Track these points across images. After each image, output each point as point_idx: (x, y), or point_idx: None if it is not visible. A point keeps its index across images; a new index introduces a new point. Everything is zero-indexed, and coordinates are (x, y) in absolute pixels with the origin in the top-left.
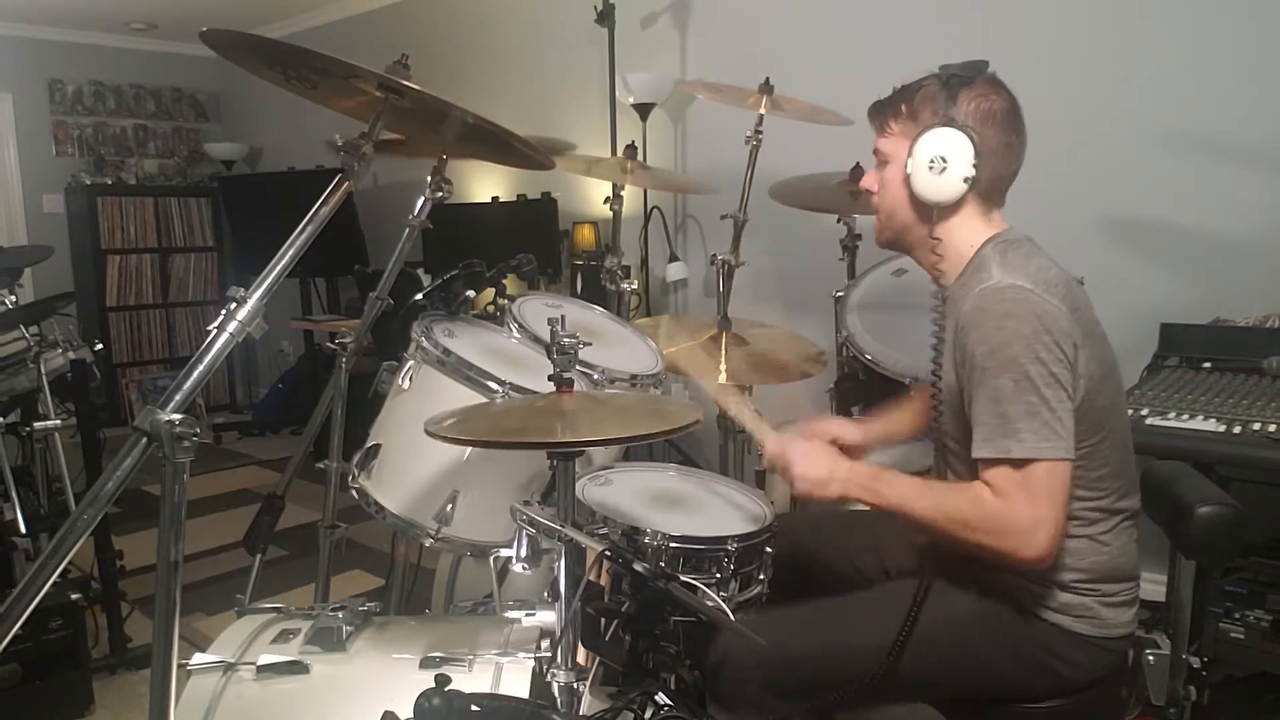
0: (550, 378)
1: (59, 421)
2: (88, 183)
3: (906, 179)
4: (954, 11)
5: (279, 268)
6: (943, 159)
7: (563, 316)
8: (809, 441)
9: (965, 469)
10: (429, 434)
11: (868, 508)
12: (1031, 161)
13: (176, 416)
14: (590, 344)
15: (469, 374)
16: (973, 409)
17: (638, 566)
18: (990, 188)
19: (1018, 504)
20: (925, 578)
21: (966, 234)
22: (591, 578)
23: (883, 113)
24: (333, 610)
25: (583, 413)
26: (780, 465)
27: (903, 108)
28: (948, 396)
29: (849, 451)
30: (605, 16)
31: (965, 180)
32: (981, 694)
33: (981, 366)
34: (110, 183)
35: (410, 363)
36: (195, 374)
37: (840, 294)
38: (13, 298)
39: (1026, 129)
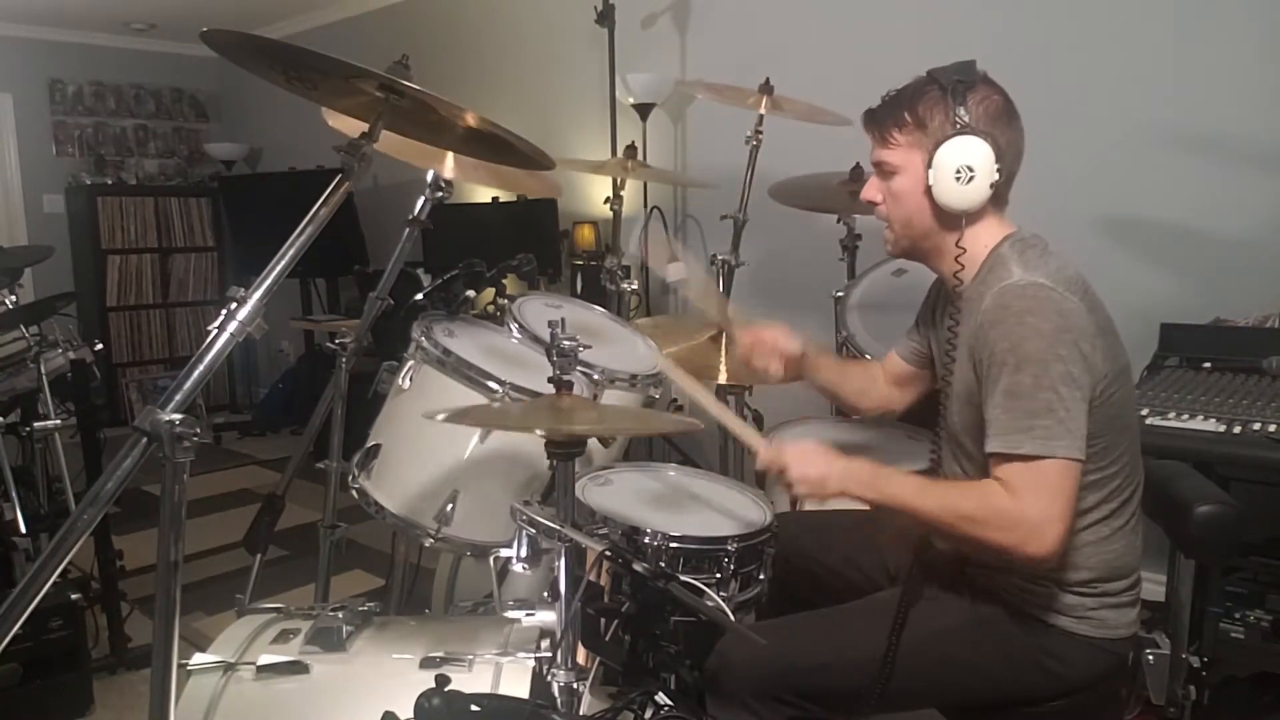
0: (550, 380)
1: (59, 421)
2: (88, 183)
3: (929, 190)
4: (953, 11)
5: (279, 268)
6: (969, 168)
7: (563, 319)
8: (802, 443)
9: (976, 468)
10: (428, 418)
11: (866, 505)
12: (1031, 161)
13: (177, 416)
14: (590, 346)
15: (469, 374)
16: (987, 404)
17: (638, 566)
18: (1005, 187)
19: (1028, 500)
20: (907, 597)
21: (983, 235)
22: (591, 578)
23: (883, 123)
24: (333, 610)
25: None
26: (776, 470)
27: (907, 116)
28: (963, 392)
29: (788, 364)
30: (605, 17)
31: (991, 185)
32: (982, 701)
33: (1001, 362)
34: (110, 183)
35: (410, 363)
36: (195, 374)
37: (840, 294)
38: (13, 298)
39: (1024, 127)
